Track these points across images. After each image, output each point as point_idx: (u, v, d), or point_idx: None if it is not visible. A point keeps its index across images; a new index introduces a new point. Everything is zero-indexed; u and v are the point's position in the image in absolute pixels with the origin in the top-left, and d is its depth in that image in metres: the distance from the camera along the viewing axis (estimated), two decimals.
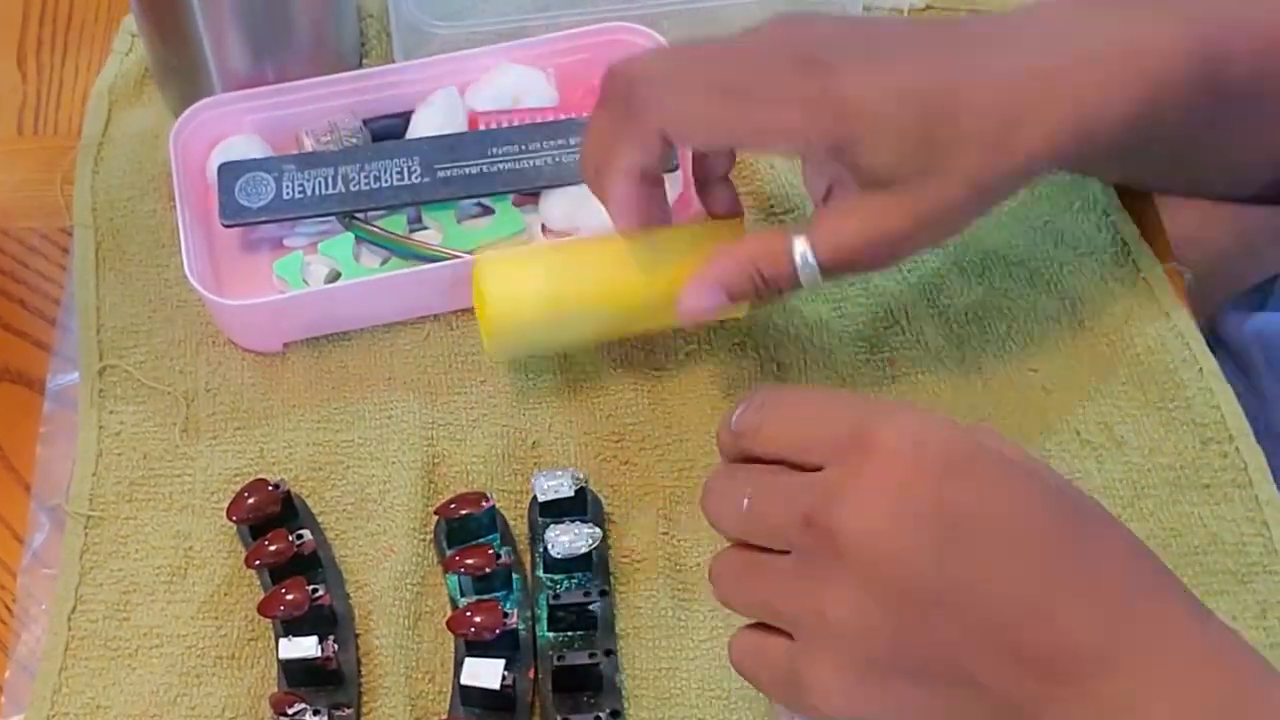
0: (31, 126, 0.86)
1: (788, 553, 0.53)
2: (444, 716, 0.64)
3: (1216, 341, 0.77)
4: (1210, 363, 0.73)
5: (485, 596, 0.66)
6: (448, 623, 0.65)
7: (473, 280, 0.71)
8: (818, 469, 0.52)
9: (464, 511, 0.67)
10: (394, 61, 0.84)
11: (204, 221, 0.78)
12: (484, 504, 0.67)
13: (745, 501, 0.54)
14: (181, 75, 0.82)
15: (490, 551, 0.65)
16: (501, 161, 0.77)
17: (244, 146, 0.79)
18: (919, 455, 0.50)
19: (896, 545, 0.50)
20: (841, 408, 0.54)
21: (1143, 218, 0.79)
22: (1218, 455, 0.70)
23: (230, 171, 0.77)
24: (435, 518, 0.68)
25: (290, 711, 0.62)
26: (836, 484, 0.51)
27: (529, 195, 0.78)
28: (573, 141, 0.77)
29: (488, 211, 0.78)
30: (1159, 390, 0.73)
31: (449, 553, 0.67)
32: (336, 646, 0.64)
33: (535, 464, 0.71)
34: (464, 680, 0.63)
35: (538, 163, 0.77)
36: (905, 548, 0.50)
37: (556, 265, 0.71)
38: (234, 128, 0.79)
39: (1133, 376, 0.73)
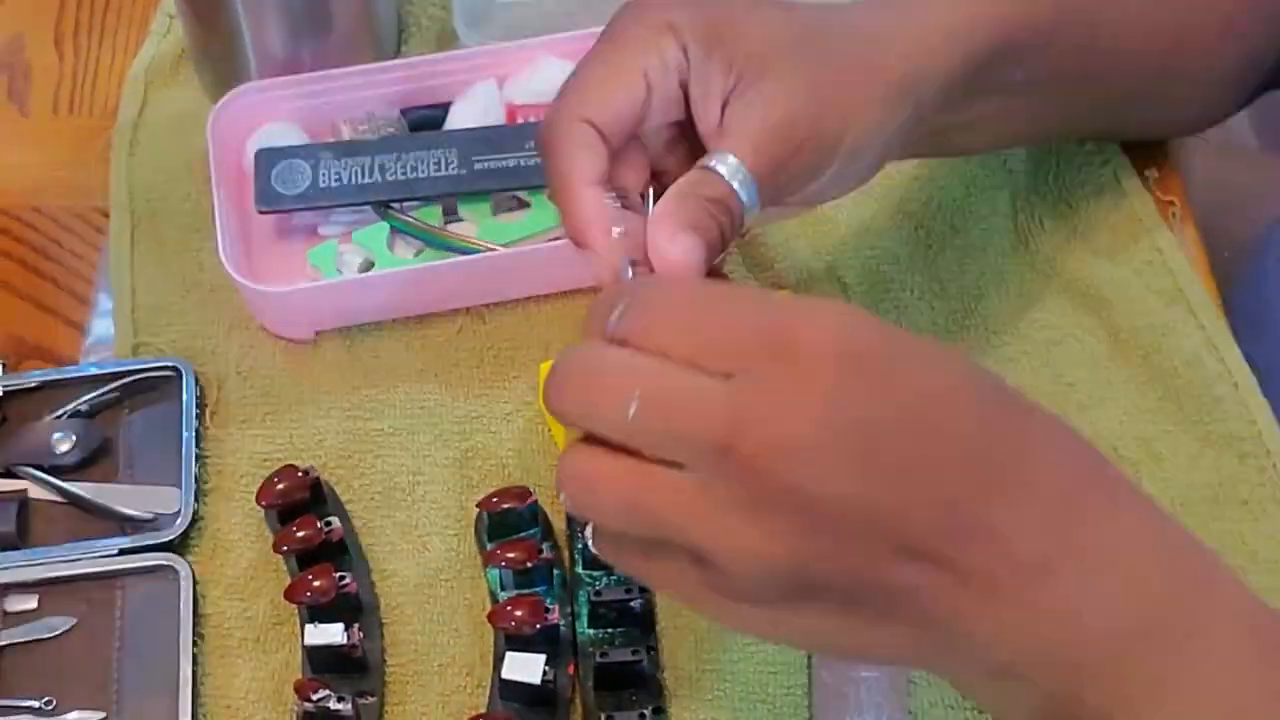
0: (67, 106, 0.86)
1: (679, 464, 0.47)
2: (482, 711, 0.64)
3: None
4: (1246, 377, 0.73)
5: (526, 591, 0.66)
6: (489, 615, 0.65)
7: (540, 384, 0.71)
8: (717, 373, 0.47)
9: (506, 506, 0.67)
10: (453, 34, 0.84)
11: (239, 207, 0.78)
12: (527, 499, 0.67)
13: (633, 407, 0.47)
14: (219, 58, 0.82)
15: (532, 546, 0.65)
16: (539, 155, 0.77)
17: (281, 133, 0.79)
18: (844, 360, 0.46)
19: (821, 466, 0.45)
20: (753, 307, 0.48)
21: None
22: (1255, 470, 0.70)
23: (267, 158, 0.77)
24: (476, 511, 0.68)
25: (315, 697, 0.62)
26: (753, 398, 0.46)
27: None
28: None
29: (523, 205, 0.78)
30: (1195, 405, 0.72)
31: (490, 546, 0.67)
32: (362, 634, 0.64)
33: None
34: (505, 674, 0.62)
35: None
36: (830, 467, 0.45)
37: None
38: (272, 114, 0.79)
39: (1169, 392, 0.73)
